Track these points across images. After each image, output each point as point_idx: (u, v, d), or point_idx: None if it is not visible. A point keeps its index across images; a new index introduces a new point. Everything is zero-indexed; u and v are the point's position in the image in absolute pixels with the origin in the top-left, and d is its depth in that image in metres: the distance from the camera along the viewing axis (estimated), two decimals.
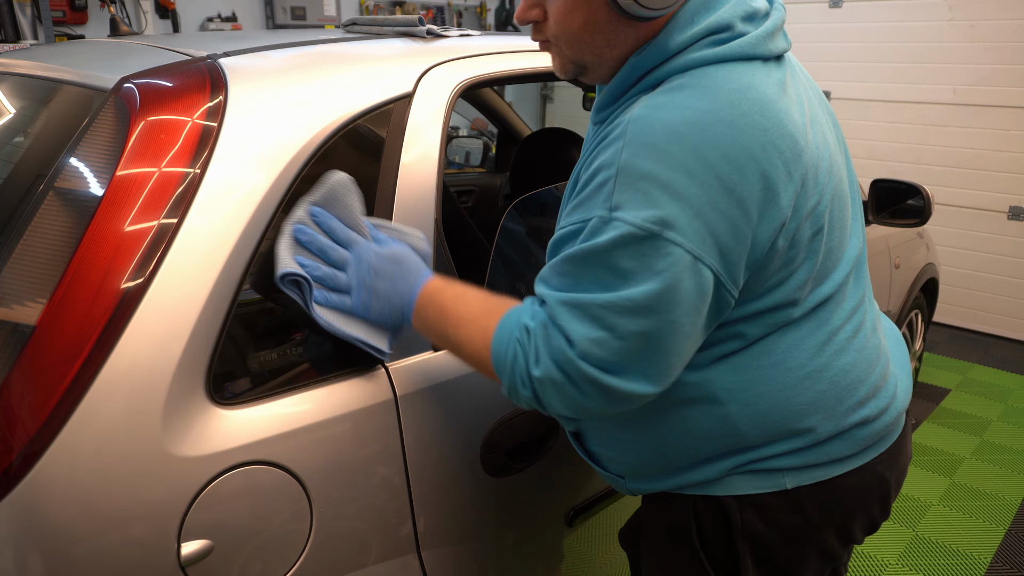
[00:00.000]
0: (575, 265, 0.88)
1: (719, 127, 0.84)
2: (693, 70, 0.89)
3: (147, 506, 0.93)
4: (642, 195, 0.83)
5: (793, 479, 1.00)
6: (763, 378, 0.97)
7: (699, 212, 0.83)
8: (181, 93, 1.06)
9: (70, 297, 0.91)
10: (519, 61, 1.51)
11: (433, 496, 1.20)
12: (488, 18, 6.36)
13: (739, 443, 0.99)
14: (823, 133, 0.97)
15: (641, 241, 0.83)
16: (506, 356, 0.93)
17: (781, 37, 0.97)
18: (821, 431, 0.99)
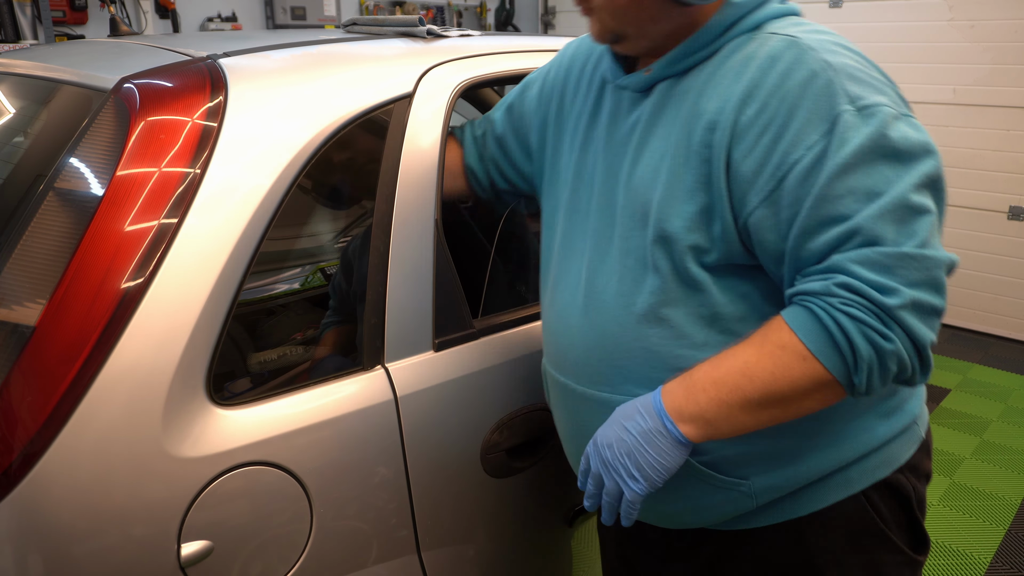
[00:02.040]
0: (860, 175, 0.80)
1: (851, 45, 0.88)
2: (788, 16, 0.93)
3: (147, 506, 0.93)
4: (868, 86, 0.83)
5: (922, 422, 1.05)
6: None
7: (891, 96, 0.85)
8: (181, 93, 1.06)
9: (70, 297, 0.91)
10: (519, 61, 1.51)
11: (433, 496, 1.20)
12: (488, 18, 6.36)
13: (882, 399, 0.98)
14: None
15: (904, 119, 0.83)
16: (833, 333, 0.80)
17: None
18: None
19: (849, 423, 0.96)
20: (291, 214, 1.08)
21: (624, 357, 0.97)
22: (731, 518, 0.99)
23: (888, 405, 0.99)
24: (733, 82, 0.88)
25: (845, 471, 0.97)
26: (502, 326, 1.32)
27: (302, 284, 1.16)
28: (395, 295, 1.16)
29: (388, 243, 1.16)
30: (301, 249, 1.15)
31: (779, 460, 0.95)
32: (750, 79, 0.87)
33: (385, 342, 1.16)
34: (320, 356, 1.13)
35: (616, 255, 0.98)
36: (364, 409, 1.11)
